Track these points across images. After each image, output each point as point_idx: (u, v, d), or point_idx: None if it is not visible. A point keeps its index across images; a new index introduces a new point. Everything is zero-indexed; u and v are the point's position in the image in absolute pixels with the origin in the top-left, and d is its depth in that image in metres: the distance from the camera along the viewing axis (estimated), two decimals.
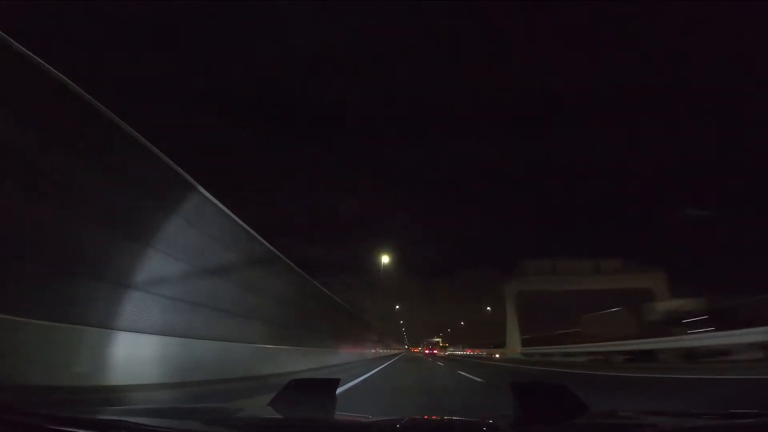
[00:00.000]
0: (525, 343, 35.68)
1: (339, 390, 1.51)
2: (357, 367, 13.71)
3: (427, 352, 78.70)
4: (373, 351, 28.56)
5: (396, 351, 56.58)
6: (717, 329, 12.73)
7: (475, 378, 9.80)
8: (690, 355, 12.58)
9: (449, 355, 56.61)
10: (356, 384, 7.45)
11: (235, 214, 6.54)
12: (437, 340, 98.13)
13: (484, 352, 47.77)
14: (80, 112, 3.47)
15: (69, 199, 3.44)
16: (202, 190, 5.42)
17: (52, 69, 3.10)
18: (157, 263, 4.54)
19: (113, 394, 3.73)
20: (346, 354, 16.95)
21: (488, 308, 54.18)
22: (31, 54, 2.95)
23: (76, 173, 3.48)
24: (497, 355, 38.29)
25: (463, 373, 11.71)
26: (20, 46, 2.88)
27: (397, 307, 60.03)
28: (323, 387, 1.50)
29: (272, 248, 8.41)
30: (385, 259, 32.89)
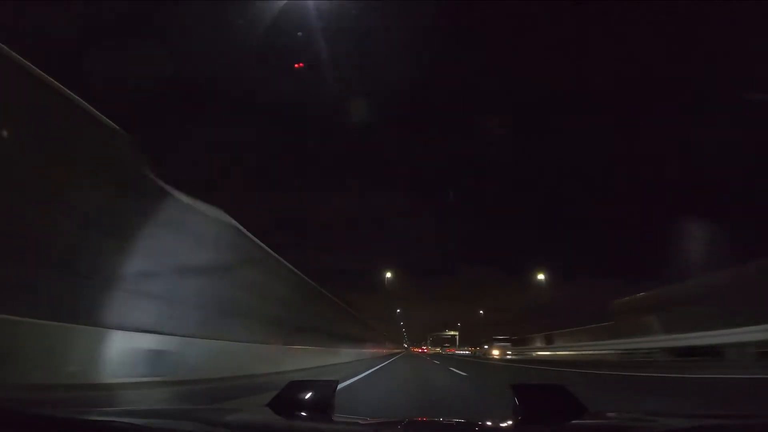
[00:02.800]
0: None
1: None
2: (346, 368, 13.68)
3: (419, 351, 77.18)
4: (371, 351, 28.55)
5: (395, 351, 56.50)
6: None
7: None
8: None
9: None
10: (352, 383, 7.48)
11: (237, 215, 6.48)
12: (453, 333, 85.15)
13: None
14: (75, 117, 3.42)
15: (63, 201, 3.41)
16: (186, 198, 5.26)
17: (45, 75, 3.05)
18: (150, 264, 4.51)
19: (106, 392, 3.71)
20: (344, 353, 16.92)
21: None
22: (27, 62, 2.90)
23: (69, 176, 3.45)
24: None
25: None
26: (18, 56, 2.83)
27: (398, 310, 59.41)
28: (321, 388, 1.48)
29: (269, 250, 8.35)
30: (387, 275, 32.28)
